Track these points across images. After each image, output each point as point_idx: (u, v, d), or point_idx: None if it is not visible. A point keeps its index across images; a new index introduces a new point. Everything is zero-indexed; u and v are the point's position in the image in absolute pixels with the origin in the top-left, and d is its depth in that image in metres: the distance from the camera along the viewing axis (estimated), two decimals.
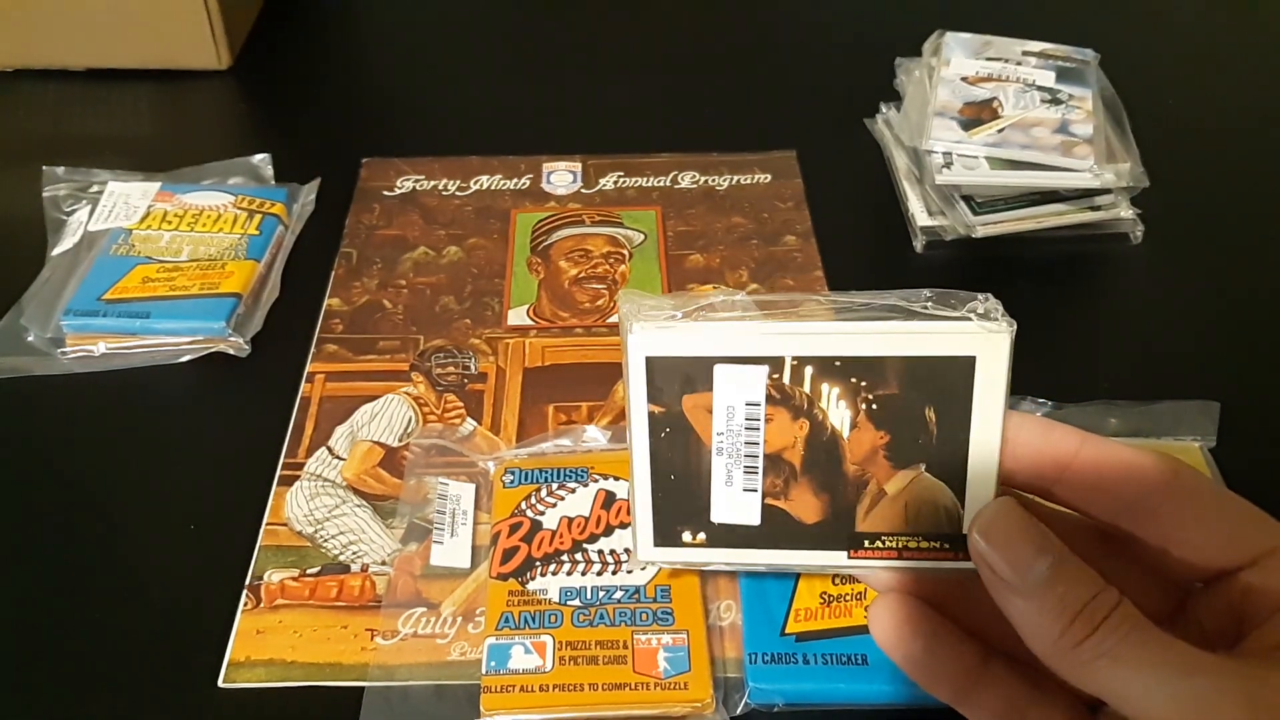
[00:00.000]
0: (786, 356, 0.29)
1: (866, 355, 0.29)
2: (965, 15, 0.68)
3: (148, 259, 0.55)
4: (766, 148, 0.65)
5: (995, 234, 0.57)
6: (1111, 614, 0.25)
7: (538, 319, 0.55)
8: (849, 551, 0.31)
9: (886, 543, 0.30)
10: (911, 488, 0.30)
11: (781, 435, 0.30)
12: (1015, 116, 0.60)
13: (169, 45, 0.71)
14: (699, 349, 0.30)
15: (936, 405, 0.29)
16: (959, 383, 0.29)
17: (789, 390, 0.30)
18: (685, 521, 0.31)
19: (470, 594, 0.42)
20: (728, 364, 0.30)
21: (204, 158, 0.63)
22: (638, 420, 0.31)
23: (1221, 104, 0.70)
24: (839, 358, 0.29)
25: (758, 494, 0.31)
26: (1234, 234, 0.60)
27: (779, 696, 0.39)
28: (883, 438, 0.30)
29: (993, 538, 0.27)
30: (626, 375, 0.30)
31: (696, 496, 0.31)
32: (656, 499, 0.31)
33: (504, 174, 0.64)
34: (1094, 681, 0.25)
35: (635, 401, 0.30)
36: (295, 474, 0.47)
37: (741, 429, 0.30)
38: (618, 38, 0.78)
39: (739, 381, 0.30)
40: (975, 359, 0.28)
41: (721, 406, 0.30)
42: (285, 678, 0.40)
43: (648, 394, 0.30)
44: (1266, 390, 0.51)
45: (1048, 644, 0.26)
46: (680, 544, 0.32)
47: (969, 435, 0.29)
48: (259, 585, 0.43)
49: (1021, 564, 0.26)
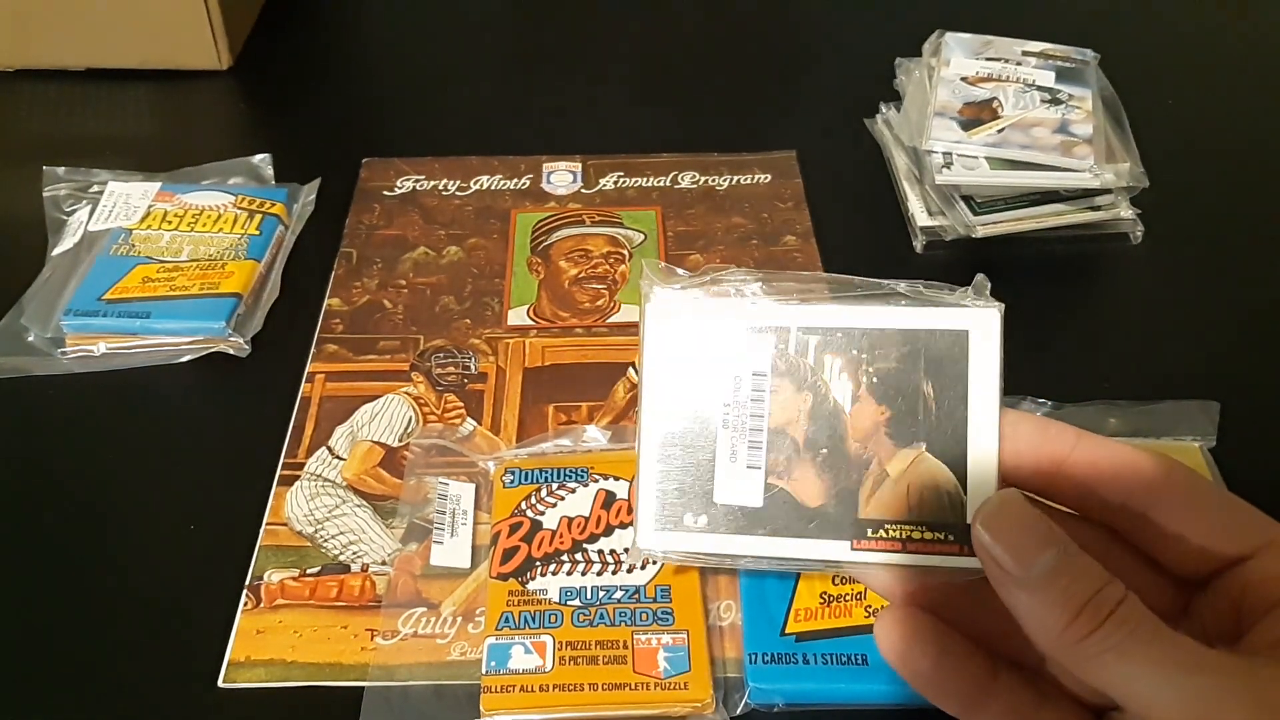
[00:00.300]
0: (792, 327, 0.31)
1: (867, 327, 0.30)
2: (965, 15, 0.68)
3: (148, 259, 0.55)
4: (766, 148, 0.65)
5: (995, 234, 0.57)
6: (1118, 608, 0.25)
7: (538, 319, 0.55)
8: (852, 541, 0.30)
9: (890, 532, 0.30)
10: (914, 469, 0.30)
11: (785, 408, 0.31)
12: (1015, 116, 0.60)
13: (169, 45, 0.71)
14: (712, 317, 0.31)
15: (934, 379, 0.30)
16: (955, 356, 0.30)
17: (794, 361, 0.31)
18: (688, 503, 0.31)
19: (470, 594, 0.42)
20: (738, 332, 0.31)
21: (204, 158, 0.63)
22: (650, 386, 0.31)
23: (1221, 104, 0.70)
24: (841, 329, 0.31)
25: (761, 471, 0.31)
26: (1234, 234, 0.60)
27: (779, 696, 0.39)
28: (884, 412, 0.30)
29: (996, 529, 0.27)
30: (642, 343, 0.31)
31: (701, 475, 0.31)
32: (662, 475, 0.32)
33: (504, 174, 0.64)
34: (1099, 676, 0.25)
35: (650, 366, 0.31)
36: (295, 474, 0.47)
37: (748, 400, 0.31)
38: (618, 38, 0.78)
39: (747, 350, 0.31)
40: (968, 333, 0.30)
41: (729, 376, 0.31)
42: (285, 678, 0.40)
43: (661, 360, 0.31)
44: (1266, 390, 0.51)
45: (1052, 637, 0.26)
46: (682, 527, 0.31)
47: (967, 413, 0.30)
48: (259, 585, 0.43)
49: (1026, 556, 0.26)
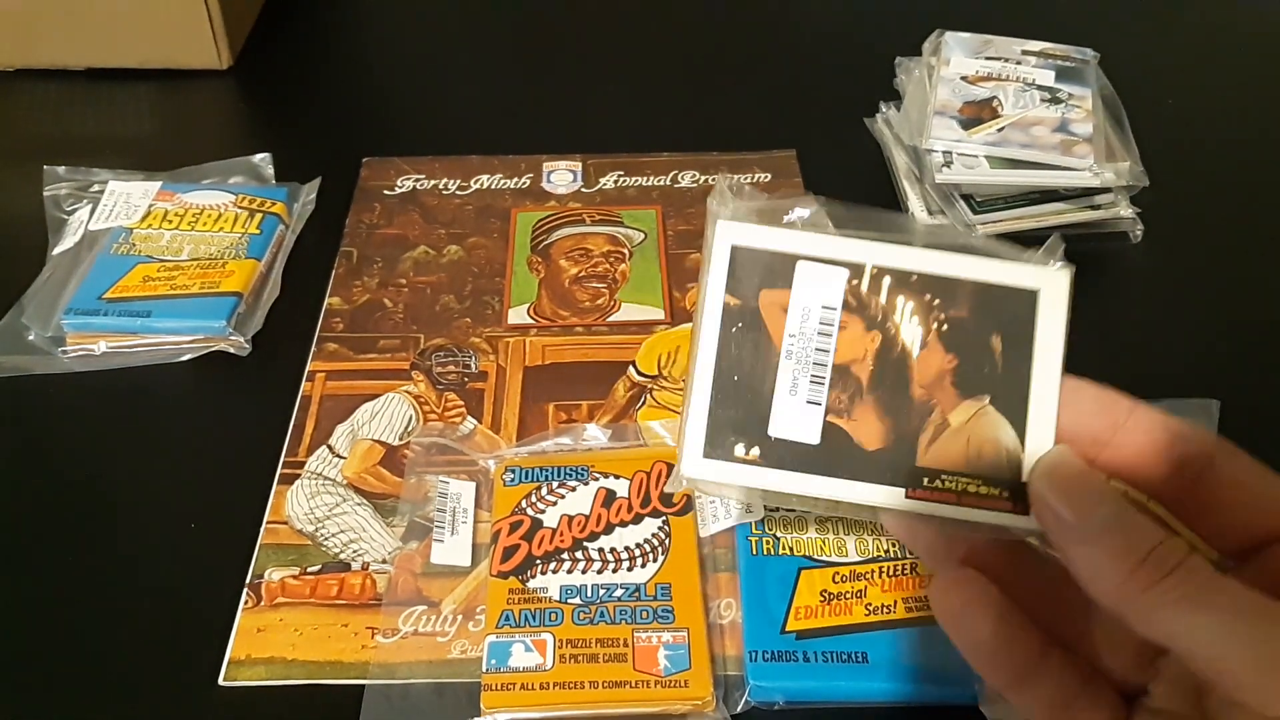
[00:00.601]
0: (867, 264, 0.30)
1: (942, 274, 0.30)
2: (965, 15, 0.68)
3: (148, 258, 0.55)
4: (766, 147, 0.65)
5: (995, 233, 0.57)
6: (1185, 560, 0.25)
7: (538, 318, 0.55)
8: (907, 489, 0.29)
9: (946, 483, 0.29)
10: (976, 421, 0.29)
11: (852, 346, 0.30)
12: (1015, 116, 0.60)
13: (169, 45, 0.71)
14: (784, 245, 0.30)
15: (1003, 335, 0.30)
16: (1024, 315, 0.30)
17: (865, 299, 0.30)
18: (741, 432, 0.30)
19: (471, 592, 0.42)
20: (810, 262, 0.30)
21: (204, 157, 0.63)
22: (711, 311, 0.30)
23: (1221, 104, 0.70)
24: (917, 273, 0.30)
25: (821, 408, 0.30)
26: (1233, 233, 0.60)
27: (779, 694, 0.39)
28: (951, 361, 0.30)
29: (1054, 482, 0.28)
30: (707, 264, 0.30)
31: (757, 405, 0.30)
32: (715, 400, 0.30)
33: (504, 173, 0.64)
34: (1163, 626, 0.25)
35: (713, 290, 0.30)
36: (296, 472, 0.47)
37: (814, 333, 0.30)
38: (618, 38, 0.78)
39: (819, 282, 0.30)
40: (1038, 293, 0.29)
41: (798, 306, 0.30)
42: (286, 676, 0.40)
43: (726, 284, 0.30)
44: (1266, 390, 0.51)
45: (1113, 586, 0.25)
46: (732, 457, 0.30)
47: (1031, 371, 0.29)
48: (260, 583, 0.43)
49: (1085, 508, 0.27)
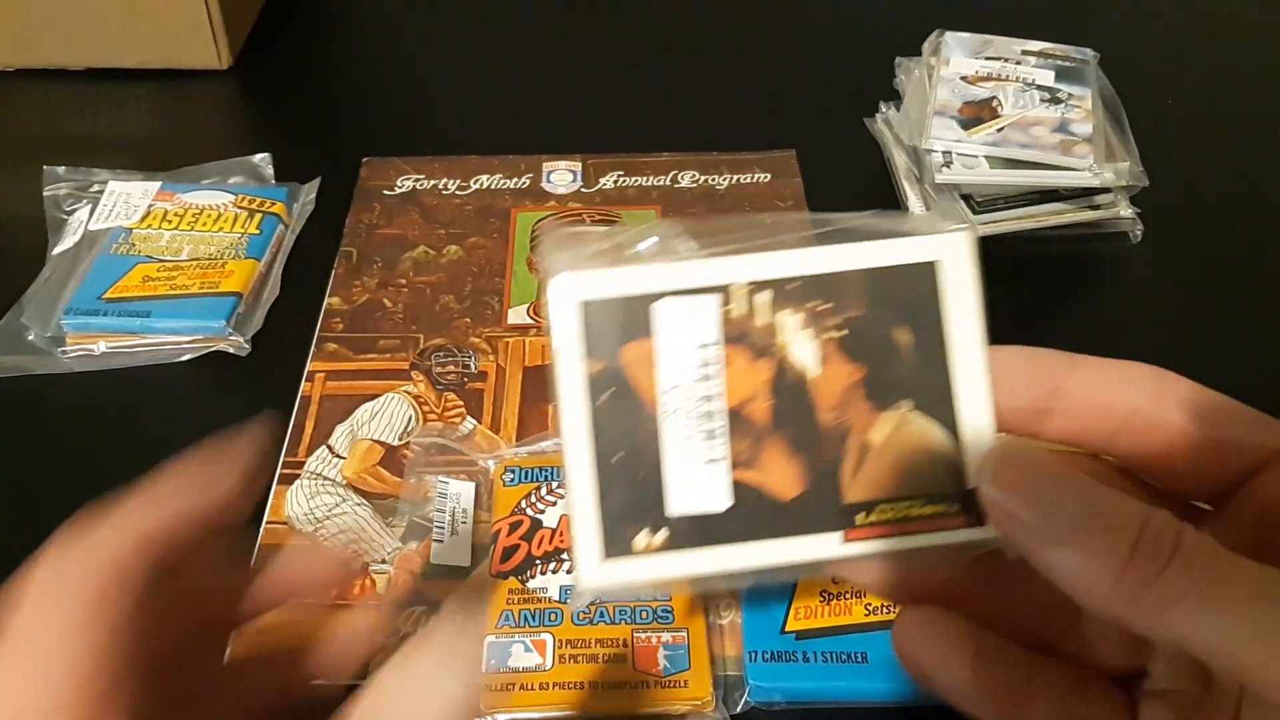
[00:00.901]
0: (737, 282, 0.25)
1: (825, 272, 0.25)
2: (965, 15, 0.68)
3: (148, 258, 0.55)
4: (766, 147, 0.65)
5: (994, 233, 0.57)
6: (1180, 541, 0.21)
7: (538, 318, 0.55)
8: (844, 533, 0.25)
9: (885, 513, 0.25)
10: (899, 433, 0.25)
11: (742, 383, 0.25)
12: (1015, 116, 0.60)
13: (169, 45, 0.71)
14: (636, 286, 0.25)
15: (909, 324, 0.25)
16: (926, 294, 0.25)
17: (744, 324, 0.25)
18: (637, 520, 0.25)
19: (470, 591, 0.42)
20: (671, 298, 0.25)
21: (204, 157, 0.63)
22: (570, 385, 0.25)
23: (1221, 104, 0.70)
24: (796, 278, 0.25)
25: (722, 464, 0.25)
26: (1233, 233, 0.60)
27: (779, 694, 0.39)
28: (857, 371, 0.25)
29: (1007, 481, 0.23)
30: (552, 331, 0.25)
31: (648, 482, 0.25)
32: (601, 491, 0.25)
33: (504, 173, 0.64)
34: (1174, 630, 0.21)
35: (567, 361, 0.25)
36: (295, 472, 0.47)
37: (694, 380, 0.25)
38: (618, 38, 0.78)
39: (686, 318, 0.25)
40: (937, 264, 0.25)
41: (668, 353, 0.25)
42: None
43: (583, 349, 0.25)
44: (1267, 390, 0.50)
45: (1104, 591, 0.21)
46: (632, 551, 0.25)
47: (948, 359, 0.25)
48: None
49: (1047, 504, 0.22)
